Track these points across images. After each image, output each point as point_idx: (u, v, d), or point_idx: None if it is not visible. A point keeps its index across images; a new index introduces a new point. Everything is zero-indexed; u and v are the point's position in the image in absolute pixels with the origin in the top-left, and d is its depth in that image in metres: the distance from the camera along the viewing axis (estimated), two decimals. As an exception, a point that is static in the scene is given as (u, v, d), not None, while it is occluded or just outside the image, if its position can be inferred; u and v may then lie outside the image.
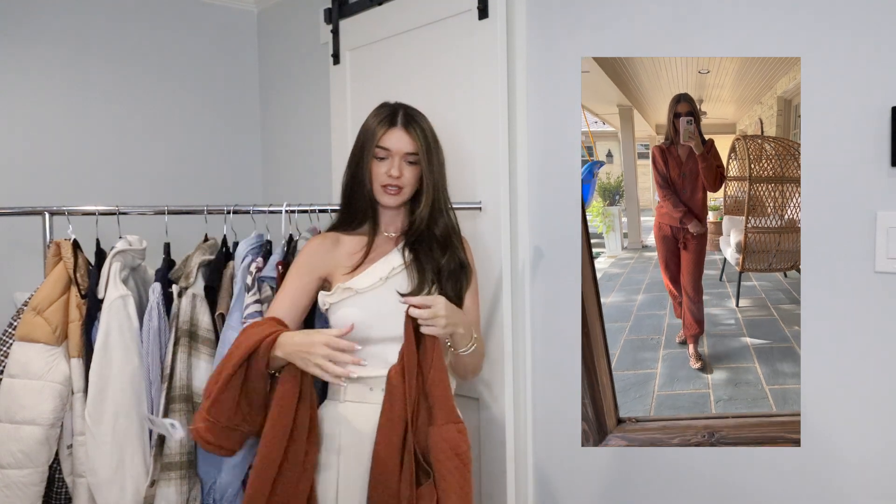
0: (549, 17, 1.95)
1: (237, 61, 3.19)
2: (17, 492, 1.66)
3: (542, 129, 1.99)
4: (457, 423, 1.50)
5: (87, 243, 1.82)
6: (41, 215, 1.84)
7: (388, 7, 2.33)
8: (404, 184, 1.62)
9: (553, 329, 1.98)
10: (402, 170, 1.60)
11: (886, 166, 1.37)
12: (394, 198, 1.62)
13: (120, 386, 1.68)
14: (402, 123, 1.61)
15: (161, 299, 1.75)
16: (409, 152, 1.61)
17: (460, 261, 1.65)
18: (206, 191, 2.98)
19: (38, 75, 2.71)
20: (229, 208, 1.89)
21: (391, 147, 1.60)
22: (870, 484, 1.42)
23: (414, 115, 1.64)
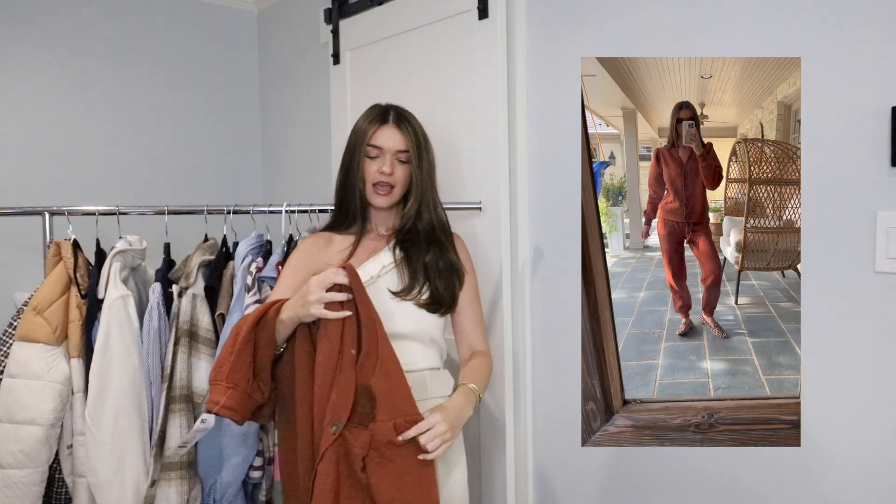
0: (549, 16, 1.95)
1: (237, 61, 3.19)
2: (18, 492, 1.66)
3: (542, 129, 1.99)
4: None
5: (87, 243, 1.82)
6: (41, 215, 1.84)
7: (388, 7, 2.33)
8: (395, 182, 1.62)
9: (553, 329, 1.98)
10: (393, 167, 1.61)
11: (886, 166, 1.37)
12: (384, 198, 1.62)
13: (120, 386, 1.68)
14: (394, 121, 1.62)
15: (161, 299, 1.75)
16: (400, 150, 1.61)
17: (451, 261, 1.65)
18: (206, 191, 2.99)
19: (38, 75, 2.71)
20: (229, 208, 1.89)
21: (382, 145, 1.61)
22: (869, 484, 1.42)
23: (405, 114, 1.65)
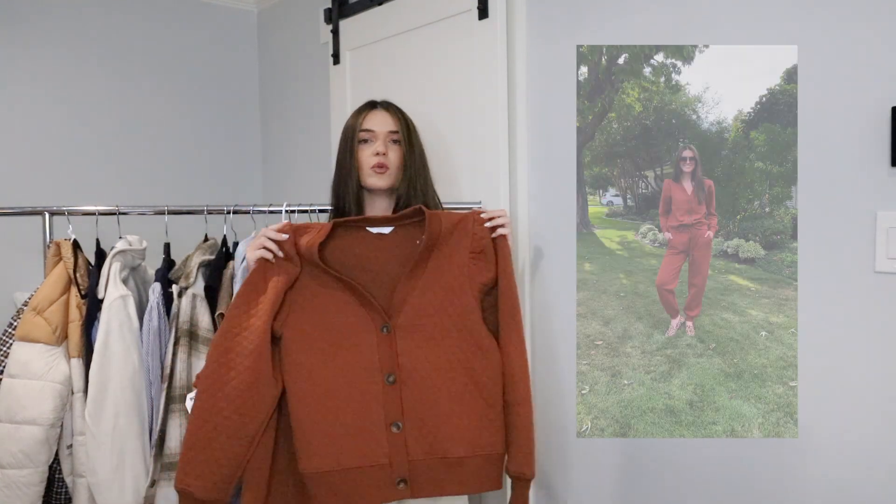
0: (549, 16, 1.95)
1: (237, 61, 3.19)
2: (17, 492, 1.66)
3: (542, 129, 1.99)
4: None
5: (87, 243, 1.82)
6: (41, 215, 1.84)
7: (388, 7, 2.33)
8: (390, 162, 1.67)
9: (552, 328, 1.98)
10: (387, 147, 1.66)
11: (886, 166, 1.37)
12: (381, 177, 1.66)
13: (120, 386, 1.68)
14: (382, 106, 1.72)
15: (161, 299, 1.75)
16: (392, 130, 1.68)
17: None
18: (206, 191, 2.99)
19: (38, 75, 2.71)
20: (229, 208, 1.89)
21: (374, 127, 1.67)
22: (868, 484, 1.42)
23: (391, 102, 1.74)
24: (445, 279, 1.52)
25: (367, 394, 1.48)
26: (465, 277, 1.53)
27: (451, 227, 1.55)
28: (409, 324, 1.51)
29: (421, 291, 1.52)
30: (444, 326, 1.51)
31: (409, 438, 1.48)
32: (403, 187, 1.67)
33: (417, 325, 1.51)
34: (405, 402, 1.49)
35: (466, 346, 1.51)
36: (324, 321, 1.50)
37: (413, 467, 1.49)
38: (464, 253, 1.54)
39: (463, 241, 1.55)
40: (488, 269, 1.56)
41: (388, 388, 1.49)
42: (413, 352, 1.50)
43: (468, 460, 1.50)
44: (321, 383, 1.48)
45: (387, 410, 1.48)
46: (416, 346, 1.50)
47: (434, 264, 1.53)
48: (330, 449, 1.47)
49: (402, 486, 1.48)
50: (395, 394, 1.49)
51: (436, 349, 1.50)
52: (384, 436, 1.48)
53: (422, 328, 1.51)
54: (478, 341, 1.52)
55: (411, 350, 1.50)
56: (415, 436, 1.49)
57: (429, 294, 1.52)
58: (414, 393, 1.49)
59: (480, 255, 1.55)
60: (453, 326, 1.51)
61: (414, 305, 1.51)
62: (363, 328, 1.50)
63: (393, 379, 1.49)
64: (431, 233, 1.51)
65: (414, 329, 1.50)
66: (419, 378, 1.50)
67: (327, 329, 1.50)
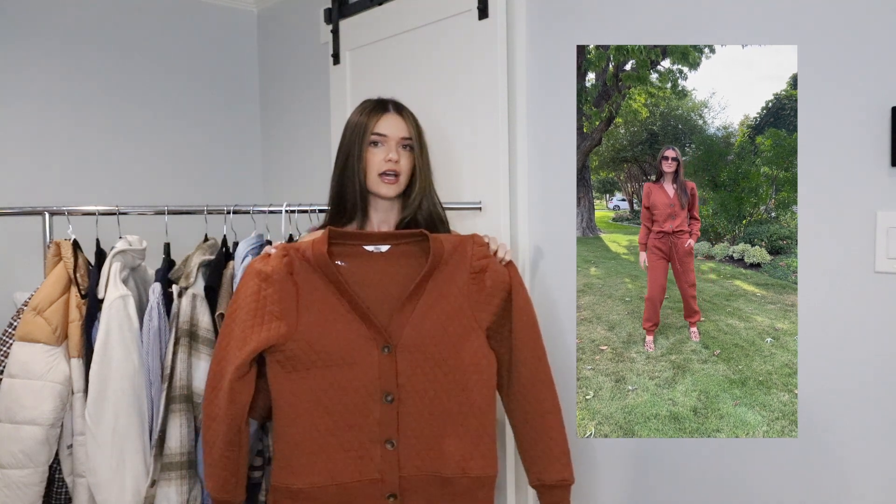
0: (549, 16, 1.95)
1: (237, 61, 3.19)
2: (17, 492, 1.66)
3: (542, 130, 1.99)
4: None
5: (87, 243, 1.82)
6: (41, 215, 1.84)
7: (388, 7, 2.33)
8: (402, 169, 1.60)
9: (552, 328, 1.98)
10: (399, 154, 1.60)
11: (886, 166, 1.37)
12: (391, 187, 1.60)
13: (120, 386, 1.68)
14: (395, 110, 1.62)
15: (161, 299, 1.75)
16: (404, 137, 1.61)
17: None
18: (206, 191, 2.99)
19: (38, 75, 2.71)
20: (229, 208, 1.89)
21: (388, 132, 1.59)
22: (868, 484, 1.42)
23: (402, 104, 1.66)
24: (446, 301, 1.51)
25: (364, 412, 1.48)
26: (465, 298, 1.52)
27: (451, 249, 1.55)
28: (410, 345, 1.49)
29: (422, 313, 1.50)
30: (444, 348, 1.50)
31: (402, 455, 1.48)
32: (418, 198, 1.63)
33: (418, 347, 1.49)
34: (401, 420, 1.48)
35: (464, 368, 1.51)
36: (323, 336, 1.48)
37: (404, 483, 1.49)
38: (464, 274, 1.53)
39: (462, 262, 1.54)
40: (489, 289, 1.55)
41: (385, 406, 1.48)
42: (413, 372, 1.49)
43: (459, 480, 1.50)
44: (320, 399, 1.47)
45: (382, 428, 1.48)
46: (416, 366, 1.49)
47: (434, 285, 1.52)
48: (325, 465, 1.47)
49: (392, 500, 1.48)
50: (391, 413, 1.48)
51: (435, 370, 1.50)
52: (378, 452, 1.48)
53: (423, 349, 1.49)
54: (475, 361, 1.52)
55: (412, 371, 1.49)
56: (407, 453, 1.49)
57: (430, 316, 1.50)
58: (411, 412, 1.49)
59: (480, 274, 1.54)
60: (453, 348, 1.50)
61: (415, 326, 1.50)
62: (363, 346, 1.48)
63: (391, 398, 1.48)
64: (435, 256, 1.51)
65: (415, 350, 1.49)
66: (417, 398, 1.49)
67: (327, 344, 1.48)
